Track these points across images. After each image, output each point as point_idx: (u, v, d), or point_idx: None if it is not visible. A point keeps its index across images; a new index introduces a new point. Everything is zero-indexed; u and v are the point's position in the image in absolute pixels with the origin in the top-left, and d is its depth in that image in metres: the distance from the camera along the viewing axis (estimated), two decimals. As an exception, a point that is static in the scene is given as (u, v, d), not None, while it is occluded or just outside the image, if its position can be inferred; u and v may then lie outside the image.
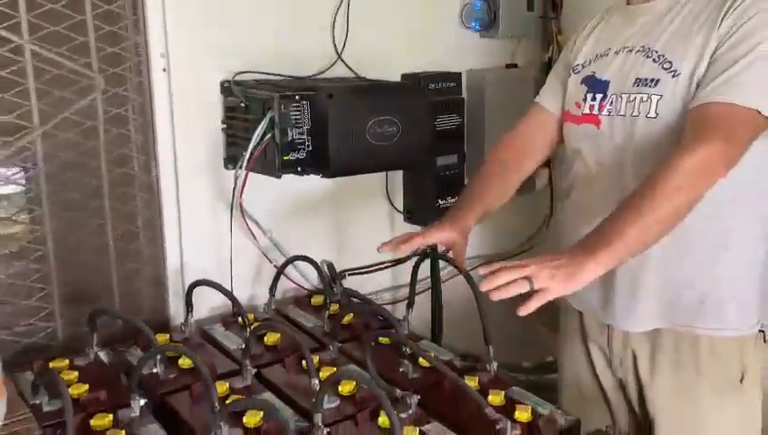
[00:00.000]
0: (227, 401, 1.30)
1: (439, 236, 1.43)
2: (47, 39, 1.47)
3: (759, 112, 1.17)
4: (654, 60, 1.30)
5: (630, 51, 1.35)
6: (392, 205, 2.02)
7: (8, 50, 1.43)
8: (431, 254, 1.63)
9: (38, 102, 1.49)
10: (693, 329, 1.34)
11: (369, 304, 1.68)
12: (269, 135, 1.54)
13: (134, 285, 1.69)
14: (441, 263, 1.78)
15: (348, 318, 1.64)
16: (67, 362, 1.43)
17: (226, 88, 1.66)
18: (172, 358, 1.46)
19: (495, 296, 1.10)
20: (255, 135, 1.53)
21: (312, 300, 1.81)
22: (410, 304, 1.65)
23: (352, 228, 1.98)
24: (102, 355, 1.50)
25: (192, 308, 1.61)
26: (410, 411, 1.29)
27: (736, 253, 1.32)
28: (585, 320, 1.51)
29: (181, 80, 1.61)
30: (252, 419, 1.24)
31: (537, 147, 1.53)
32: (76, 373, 1.38)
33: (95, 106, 1.55)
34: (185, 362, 1.45)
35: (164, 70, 1.59)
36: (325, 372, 1.39)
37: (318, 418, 1.21)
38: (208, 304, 1.71)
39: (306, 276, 1.89)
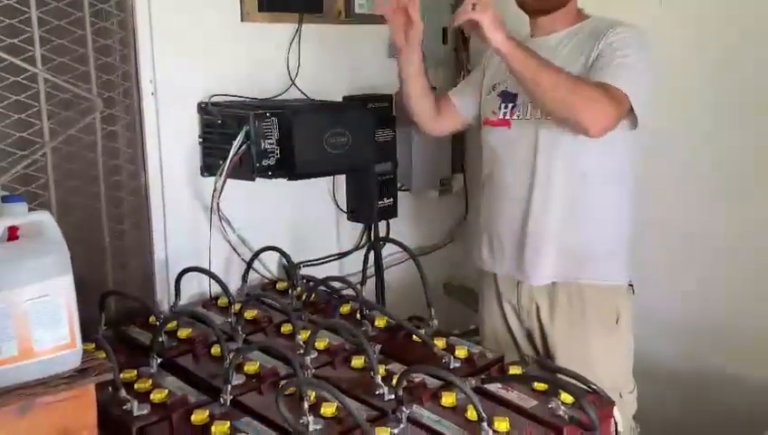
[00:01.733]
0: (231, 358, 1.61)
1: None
2: (56, 68, 1.75)
3: (627, 97, 1.61)
4: None
5: None
6: (337, 206, 2.38)
7: (24, 78, 1.71)
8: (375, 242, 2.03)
9: (48, 121, 1.76)
10: (580, 281, 1.78)
11: (336, 278, 2.02)
12: (244, 146, 1.88)
13: (125, 275, 1.96)
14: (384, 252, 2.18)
15: (313, 297, 1.97)
16: (82, 337, 1.70)
17: (203, 108, 1.98)
18: (171, 331, 1.76)
19: (457, 20, 1.58)
20: (234, 146, 1.85)
21: (276, 286, 2.14)
22: (363, 283, 2.02)
23: (304, 227, 2.32)
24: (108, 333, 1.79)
25: (180, 293, 1.90)
26: (375, 356, 1.64)
27: (610, 224, 1.79)
28: (499, 281, 1.92)
29: (166, 102, 1.92)
30: (251, 367, 1.57)
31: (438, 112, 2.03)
32: (93, 345, 1.65)
33: (94, 124, 1.83)
34: (183, 333, 1.75)
35: (152, 93, 1.89)
36: (303, 334, 1.73)
37: (307, 360, 1.55)
38: (185, 292, 1.99)
39: (268, 268, 2.21)
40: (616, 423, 1.50)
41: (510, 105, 1.82)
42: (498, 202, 1.81)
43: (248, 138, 1.86)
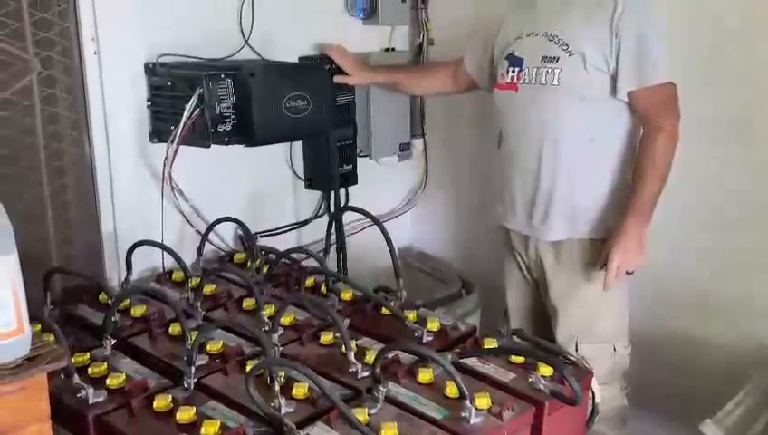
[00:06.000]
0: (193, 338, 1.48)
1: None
2: (-15, 25, 1.59)
3: (670, 83, 1.68)
4: (555, 42, 1.75)
5: (537, 35, 1.79)
6: (294, 173, 2.28)
7: (-51, 35, 1.54)
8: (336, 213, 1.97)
9: (-22, 84, 1.60)
10: (585, 237, 1.83)
11: (299, 249, 1.93)
12: (197, 110, 1.75)
13: (71, 251, 1.83)
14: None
15: (274, 269, 1.88)
16: (26, 318, 1.57)
17: (150, 69, 1.84)
18: (124, 310, 1.65)
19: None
20: (187, 110, 1.72)
21: (233, 258, 2.03)
22: (326, 252, 1.93)
23: (259, 196, 2.21)
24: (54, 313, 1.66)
25: (131, 268, 1.78)
26: (344, 331, 1.57)
27: (608, 187, 1.81)
28: (512, 236, 1.97)
29: (110, 62, 1.77)
30: (214, 346, 1.48)
31: (445, 79, 2.13)
32: (39, 326, 1.52)
33: (31, 87, 1.68)
34: (137, 311, 1.64)
35: (95, 53, 1.74)
36: (268, 310, 1.64)
37: (274, 338, 1.47)
38: (136, 267, 1.86)
39: (223, 239, 2.10)
40: (593, 394, 1.47)
41: (516, 69, 1.82)
42: (508, 165, 1.89)
43: (202, 101, 1.73)
